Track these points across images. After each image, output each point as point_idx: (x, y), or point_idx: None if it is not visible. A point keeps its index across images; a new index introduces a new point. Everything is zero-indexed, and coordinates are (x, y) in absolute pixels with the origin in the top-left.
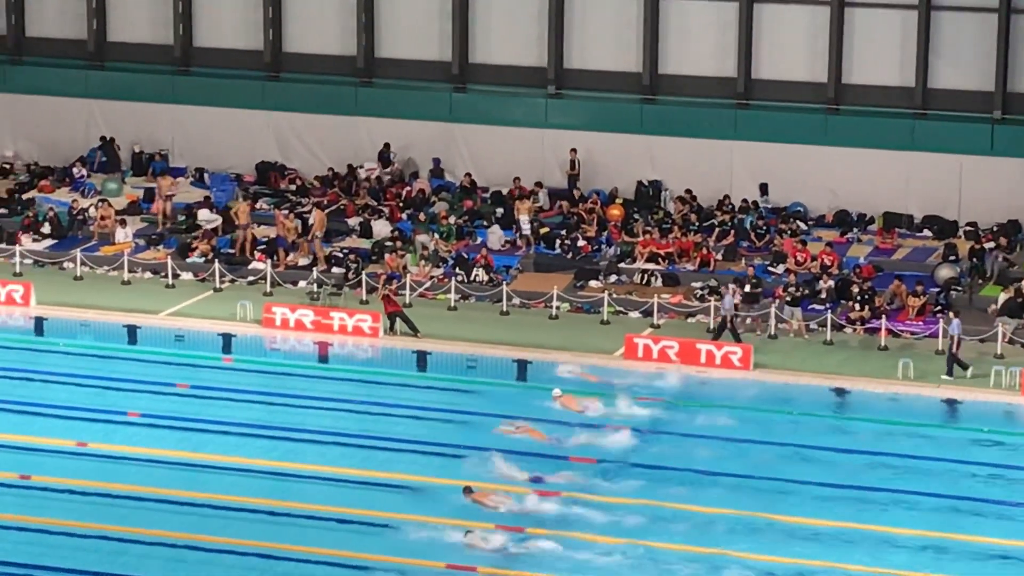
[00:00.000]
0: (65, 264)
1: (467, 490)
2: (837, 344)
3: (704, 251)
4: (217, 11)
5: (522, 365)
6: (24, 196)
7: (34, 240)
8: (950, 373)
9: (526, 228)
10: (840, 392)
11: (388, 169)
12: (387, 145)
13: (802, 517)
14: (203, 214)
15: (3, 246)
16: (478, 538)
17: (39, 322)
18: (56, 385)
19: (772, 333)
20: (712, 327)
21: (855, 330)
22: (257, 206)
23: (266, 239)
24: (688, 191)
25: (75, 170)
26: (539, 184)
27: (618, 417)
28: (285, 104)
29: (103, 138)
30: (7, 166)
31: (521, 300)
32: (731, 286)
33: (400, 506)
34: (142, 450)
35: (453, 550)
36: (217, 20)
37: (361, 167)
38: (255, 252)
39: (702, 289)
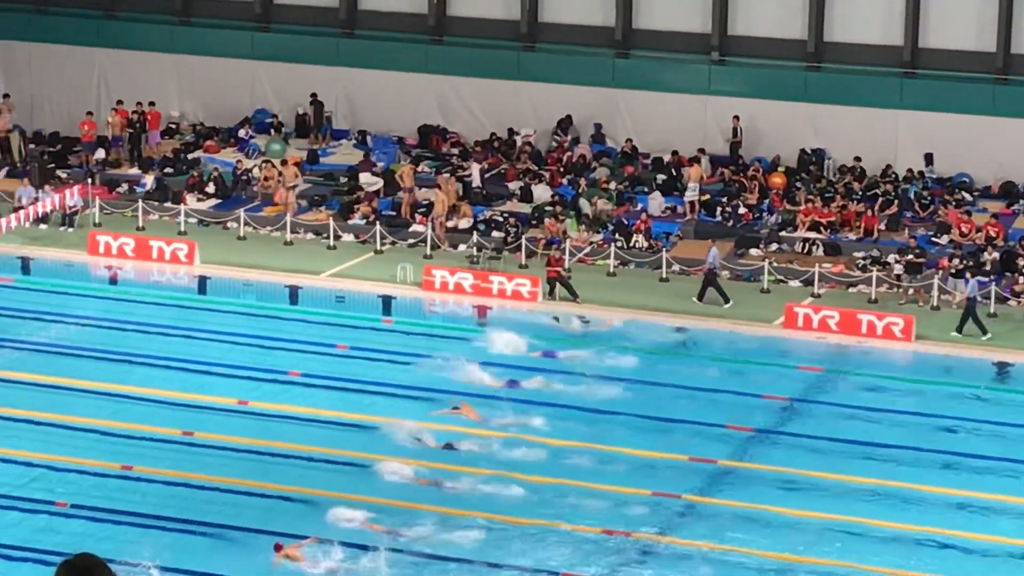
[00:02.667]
0: (229, 224)
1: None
2: (1001, 316)
3: (867, 218)
4: None
5: (680, 331)
6: (189, 156)
7: (199, 200)
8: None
9: (693, 195)
10: (1002, 365)
11: (563, 139)
12: (569, 117)
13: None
14: (365, 177)
15: (168, 205)
16: None
17: (202, 281)
18: (218, 344)
19: (935, 304)
20: (873, 297)
21: (1019, 302)
22: (419, 169)
23: (427, 202)
24: (857, 159)
25: (246, 131)
26: (701, 151)
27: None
28: (448, 68)
29: (314, 95)
30: (173, 126)
31: (681, 267)
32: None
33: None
34: (302, 409)
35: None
36: None
37: (519, 133)
38: (416, 215)
39: (864, 259)
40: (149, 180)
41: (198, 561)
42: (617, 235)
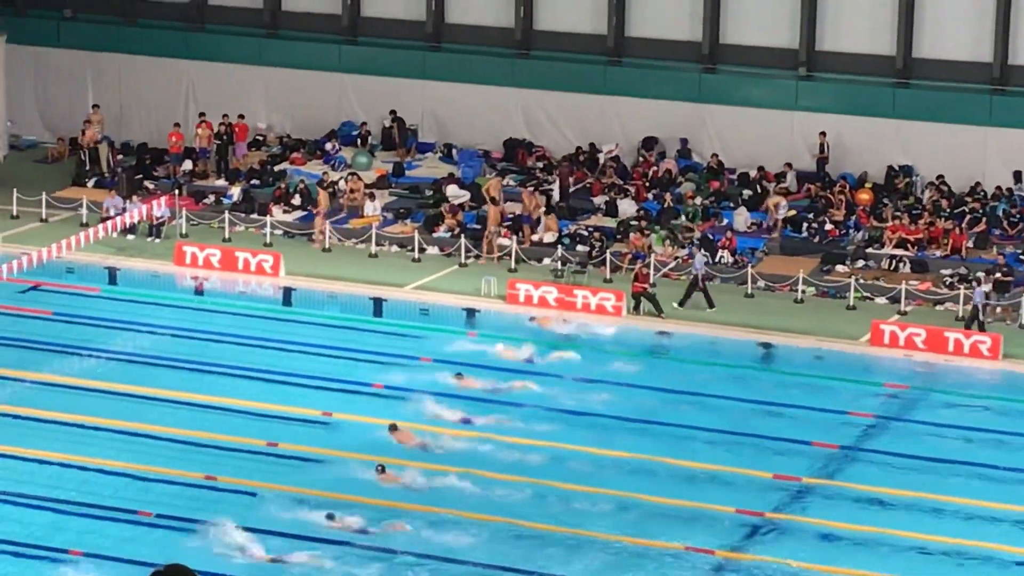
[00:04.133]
0: (314, 236)
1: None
2: None
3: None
4: None
5: (765, 348)
6: (276, 168)
7: (284, 211)
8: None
9: (782, 212)
10: None
11: (648, 154)
12: (655, 137)
13: None
14: (451, 189)
15: (254, 216)
16: None
17: (287, 292)
18: (302, 355)
19: (1023, 323)
20: (961, 315)
21: None
22: (504, 182)
23: (512, 215)
24: (939, 176)
25: (333, 144)
26: (788, 165)
27: None
28: (534, 82)
29: (393, 112)
30: (260, 138)
31: (766, 283)
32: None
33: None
34: (385, 421)
35: None
36: None
37: (603, 147)
38: (501, 228)
39: (951, 276)
40: (235, 192)
41: None
42: (703, 250)
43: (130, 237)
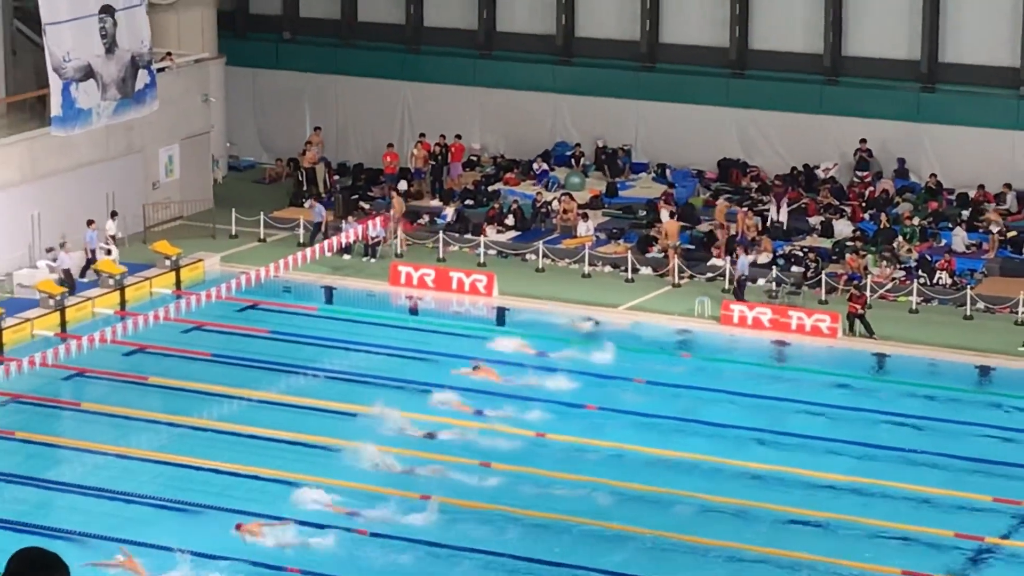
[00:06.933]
0: (527, 256)
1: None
2: None
3: None
4: (683, 8)
5: (983, 371)
6: (490, 188)
7: (498, 231)
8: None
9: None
10: None
11: (864, 174)
12: (869, 155)
13: None
14: (664, 215)
15: (468, 236)
16: None
17: (500, 312)
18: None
19: None
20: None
21: None
22: (717, 203)
23: (718, 228)
24: None
25: (538, 164)
26: (1007, 186)
27: None
28: (750, 101)
29: (596, 141)
30: (474, 158)
31: (986, 304)
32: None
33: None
34: (598, 442)
35: None
36: (683, 17)
37: (818, 167)
38: (713, 248)
39: None
40: (450, 212)
41: None
42: (920, 271)
43: (346, 257)
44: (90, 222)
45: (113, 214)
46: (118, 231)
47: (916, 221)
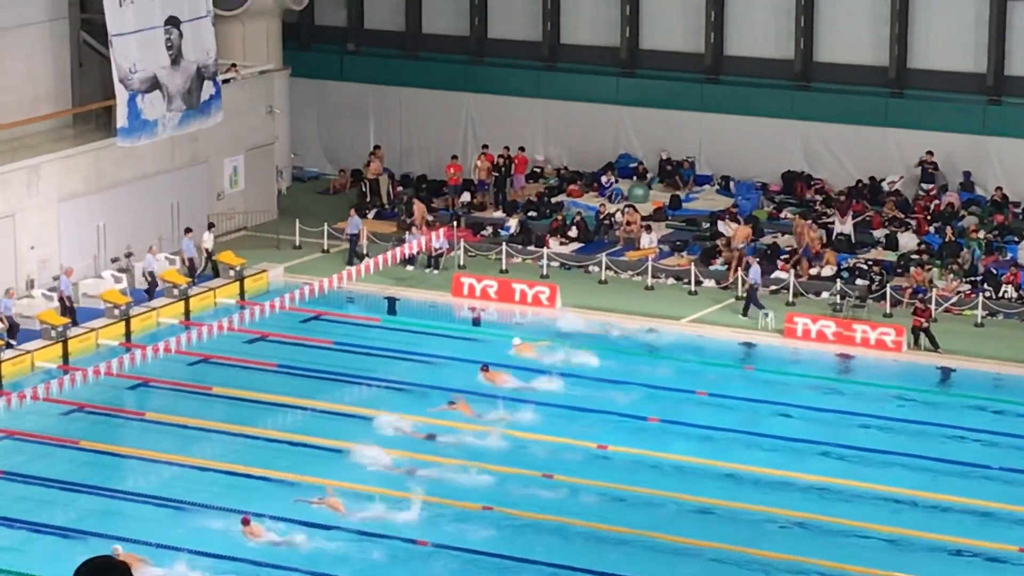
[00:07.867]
0: (590, 268)
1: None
2: None
3: None
4: (748, 20)
5: None
6: (553, 200)
7: (561, 243)
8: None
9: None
10: None
11: (930, 187)
12: (932, 169)
13: None
14: (721, 226)
15: (531, 248)
16: None
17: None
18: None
19: None
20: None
21: None
22: (781, 215)
23: (789, 248)
24: None
25: (607, 178)
26: None
27: None
28: (814, 114)
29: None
30: (537, 170)
31: None
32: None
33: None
34: (660, 455)
35: None
36: (748, 29)
37: (883, 180)
38: (778, 260)
39: None
40: (513, 223)
41: None
42: (986, 285)
43: (409, 268)
44: (188, 230)
45: (210, 226)
46: (212, 244)
47: (982, 234)
